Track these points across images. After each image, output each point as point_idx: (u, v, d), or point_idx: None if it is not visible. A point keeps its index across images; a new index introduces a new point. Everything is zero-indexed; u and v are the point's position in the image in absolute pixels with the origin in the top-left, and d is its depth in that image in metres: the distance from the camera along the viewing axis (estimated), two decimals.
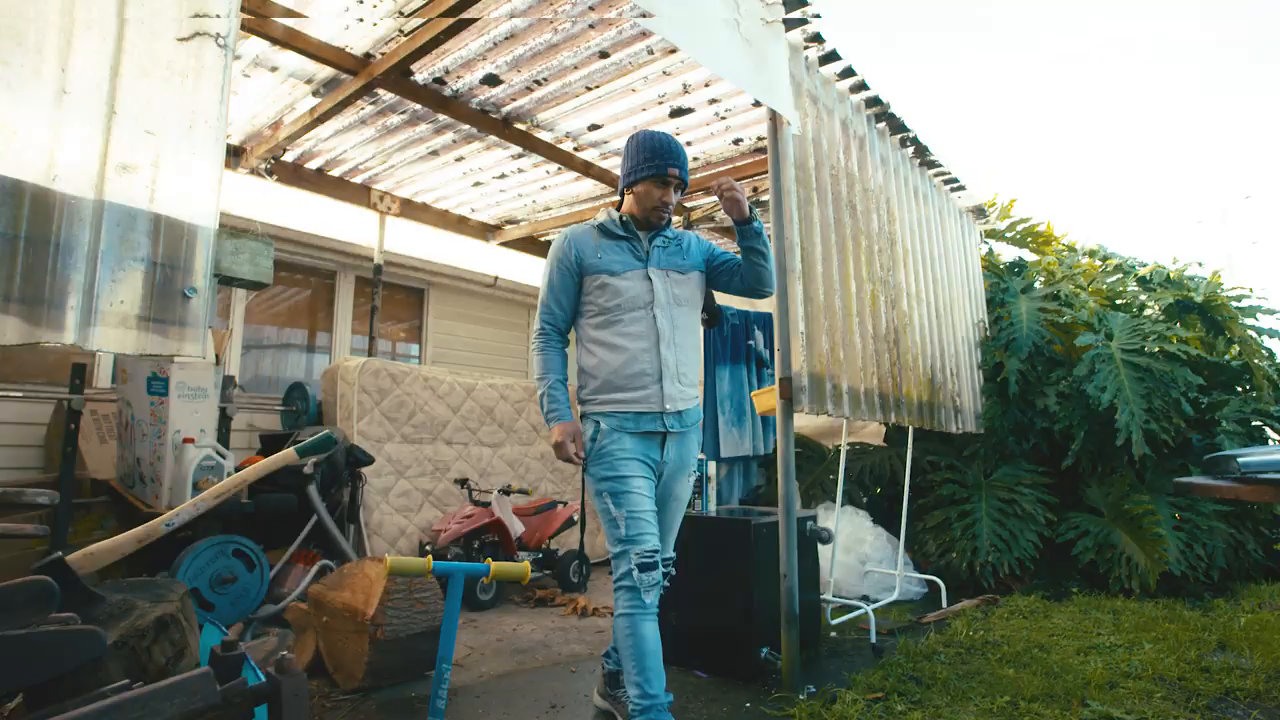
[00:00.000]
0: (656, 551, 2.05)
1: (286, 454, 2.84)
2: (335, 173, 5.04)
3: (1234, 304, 5.20)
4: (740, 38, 2.91)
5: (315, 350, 5.66)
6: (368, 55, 3.62)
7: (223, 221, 4.69)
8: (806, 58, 3.34)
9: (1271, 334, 5.19)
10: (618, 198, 2.41)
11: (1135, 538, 4.35)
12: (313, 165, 4.92)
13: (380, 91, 3.87)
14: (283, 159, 4.78)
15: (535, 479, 5.31)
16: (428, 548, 4.22)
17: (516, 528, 4.37)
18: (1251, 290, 5.27)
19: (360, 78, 3.64)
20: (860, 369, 3.31)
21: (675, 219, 5.81)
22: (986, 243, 6.09)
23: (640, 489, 2.10)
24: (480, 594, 4.00)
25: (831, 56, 3.42)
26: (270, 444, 4.27)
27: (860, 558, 4.45)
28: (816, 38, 3.28)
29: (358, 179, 5.13)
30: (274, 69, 3.73)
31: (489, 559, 4.12)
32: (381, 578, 2.59)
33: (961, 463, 4.99)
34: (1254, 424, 4.79)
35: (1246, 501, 4.08)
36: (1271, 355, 5.27)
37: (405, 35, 3.44)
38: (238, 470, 3.31)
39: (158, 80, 1.28)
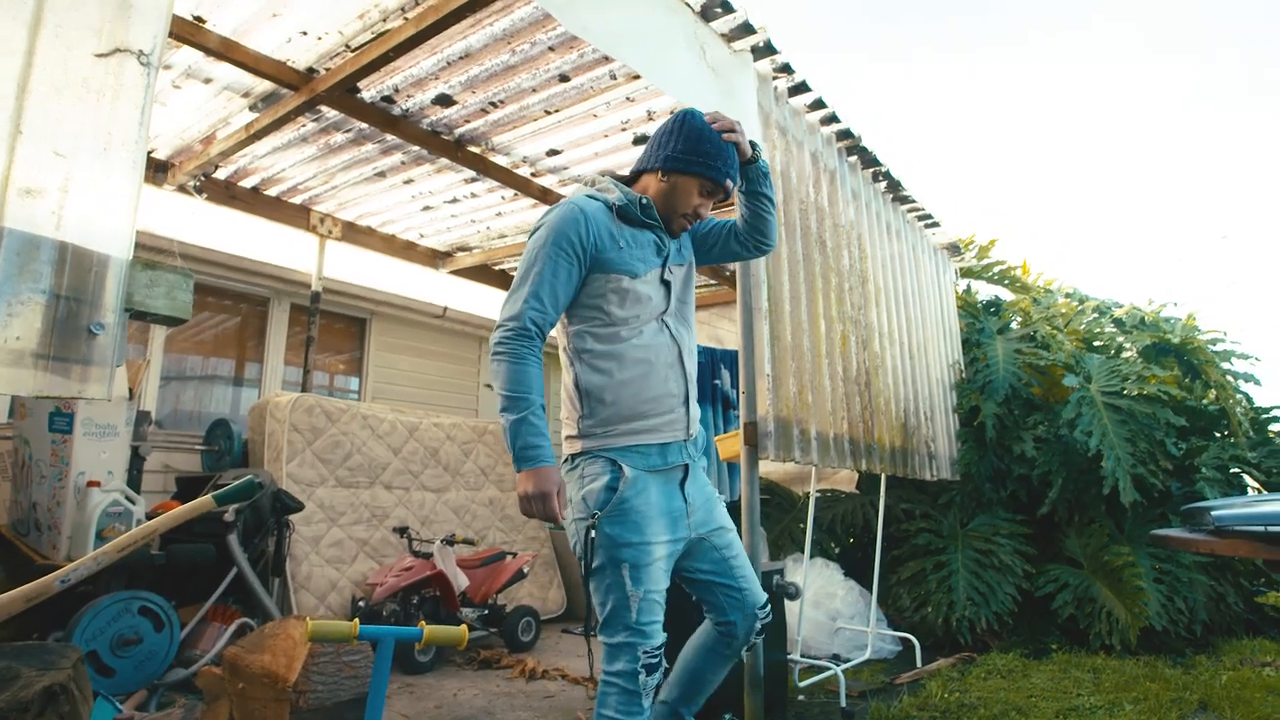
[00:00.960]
0: (664, 646, 1.79)
1: (203, 501, 2.76)
2: (272, 192, 4.99)
3: (1210, 347, 5.44)
4: (707, 65, 3.00)
5: (244, 383, 5.53)
6: (311, 70, 3.62)
7: (144, 242, 4.61)
8: (775, 88, 3.44)
9: (1247, 378, 5.43)
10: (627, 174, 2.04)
11: (1115, 591, 4.45)
12: (247, 184, 4.87)
13: (323, 108, 3.87)
14: (214, 176, 4.72)
15: (482, 527, 5.22)
16: (361, 603, 4.11)
17: (460, 581, 4.28)
18: (1226, 333, 5.52)
19: (302, 93, 3.64)
20: (829, 413, 3.36)
21: None
22: (964, 280, 6.29)
23: (662, 561, 1.79)
24: (418, 655, 3.90)
25: (801, 88, 3.53)
26: (188, 487, 4.14)
27: (830, 614, 4.45)
28: (786, 68, 3.39)
29: (296, 199, 5.09)
30: (208, 80, 3.71)
31: (422, 621, 4.02)
32: (306, 639, 2.50)
33: (937, 511, 5.07)
34: (1232, 470, 4.97)
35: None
36: (1248, 399, 5.50)
37: (352, 51, 3.46)
38: (149, 517, 3.19)
39: (71, 99, 1.26)
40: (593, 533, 1.75)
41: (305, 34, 3.35)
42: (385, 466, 4.85)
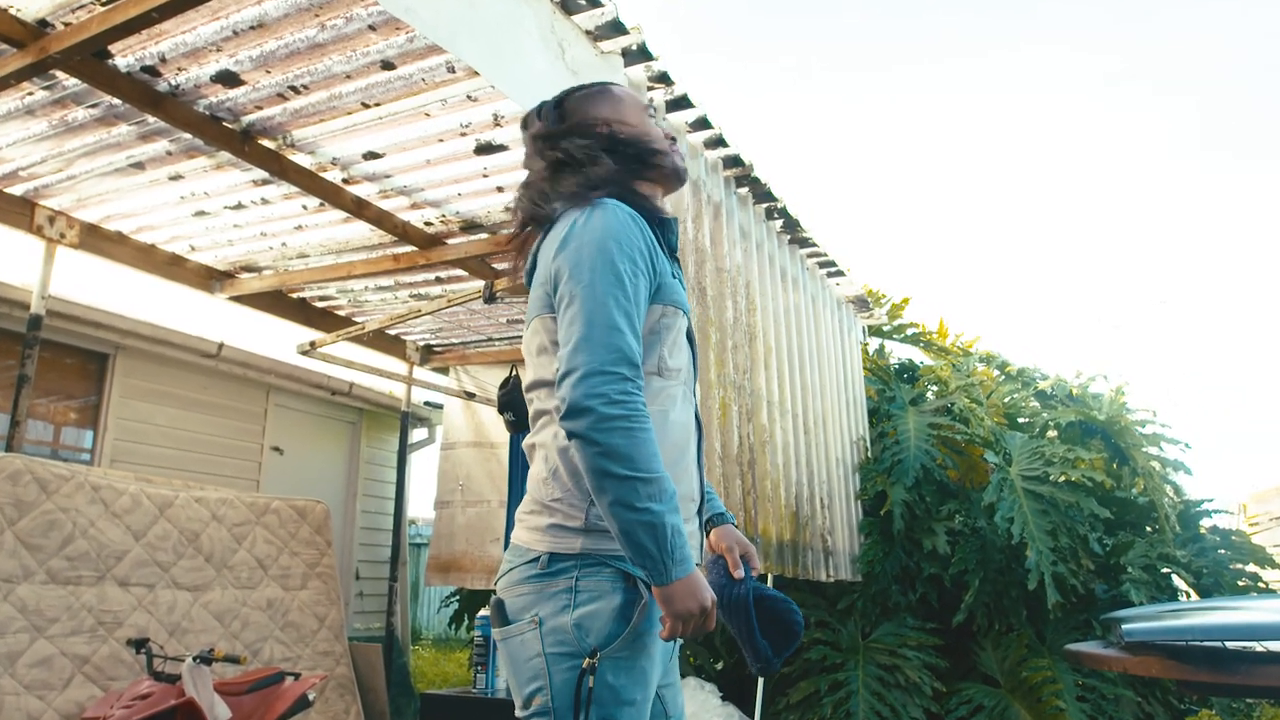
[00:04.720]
0: None
1: None
2: None
3: (1138, 429, 5.98)
4: (565, 66, 3.08)
5: None
6: (43, 24, 3.44)
7: None
8: (651, 101, 3.57)
9: (1177, 466, 6.00)
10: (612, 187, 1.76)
11: (1034, 713, 4.74)
12: None
13: (60, 74, 3.68)
14: None
15: (256, 639, 4.96)
16: None
17: (219, 713, 4.04)
18: (1155, 413, 6.10)
19: (29, 52, 3.45)
20: None
21: (475, 284, 5.70)
22: (875, 338, 6.65)
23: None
24: None
25: (683, 102, 3.69)
26: None
27: None
28: (664, 78, 3.53)
29: (15, 189, 4.77)
30: None
31: None
32: None
33: (835, 619, 5.24)
34: (1161, 570, 5.44)
35: None
36: (1177, 490, 6.07)
37: (103, 5, 3.32)
38: None
39: None
40: (590, 679, 1.50)
41: None
42: (121, 556, 4.58)
